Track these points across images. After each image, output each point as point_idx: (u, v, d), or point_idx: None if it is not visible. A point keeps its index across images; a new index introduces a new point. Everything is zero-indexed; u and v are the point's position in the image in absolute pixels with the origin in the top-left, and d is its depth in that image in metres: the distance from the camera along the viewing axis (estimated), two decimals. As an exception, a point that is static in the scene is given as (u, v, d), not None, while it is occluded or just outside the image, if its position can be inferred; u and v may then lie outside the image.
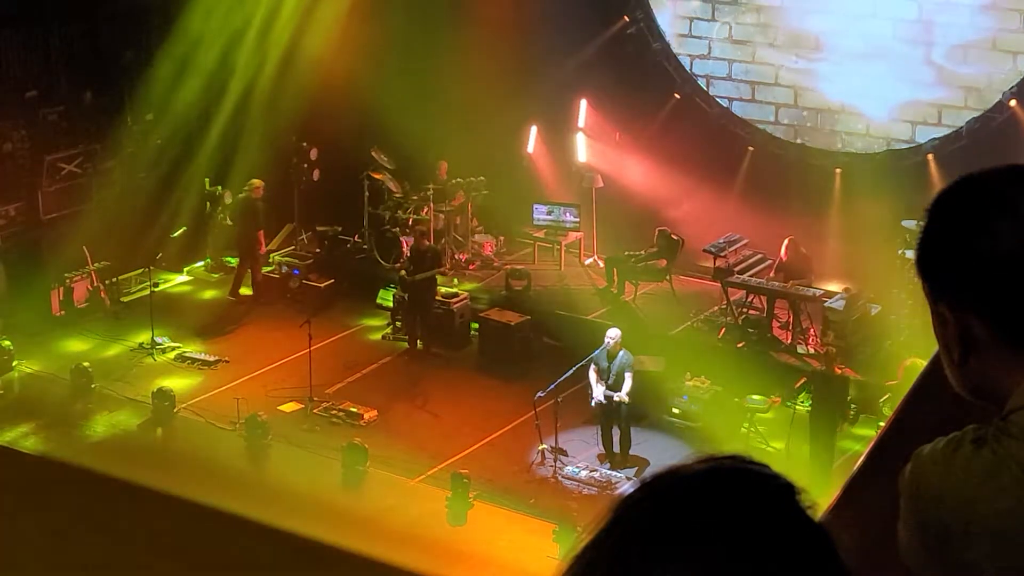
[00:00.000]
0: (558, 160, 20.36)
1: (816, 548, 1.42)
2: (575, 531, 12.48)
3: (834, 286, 17.46)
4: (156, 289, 18.53)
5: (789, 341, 16.99)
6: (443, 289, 18.25)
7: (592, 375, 14.88)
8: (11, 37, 18.00)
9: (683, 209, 18.96)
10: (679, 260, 18.66)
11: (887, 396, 15.03)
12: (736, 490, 1.42)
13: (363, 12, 19.66)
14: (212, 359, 17.26)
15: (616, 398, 14.71)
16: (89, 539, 13.14)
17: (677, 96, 19.48)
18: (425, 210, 19.42)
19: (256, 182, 19.09)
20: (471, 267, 19.79)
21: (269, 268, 19.71)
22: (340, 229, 20.05)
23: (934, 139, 18.06)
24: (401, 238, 19.21)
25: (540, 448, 14.90)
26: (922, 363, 2.26)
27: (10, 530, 13.06)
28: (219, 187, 20.07)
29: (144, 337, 17.68)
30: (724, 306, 17.61)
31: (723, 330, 17.36)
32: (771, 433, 15.24)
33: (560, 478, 14.67)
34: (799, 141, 19.04)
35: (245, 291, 19.33)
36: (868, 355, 15.88)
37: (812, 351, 16.58)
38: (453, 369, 17.34)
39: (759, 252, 18.23)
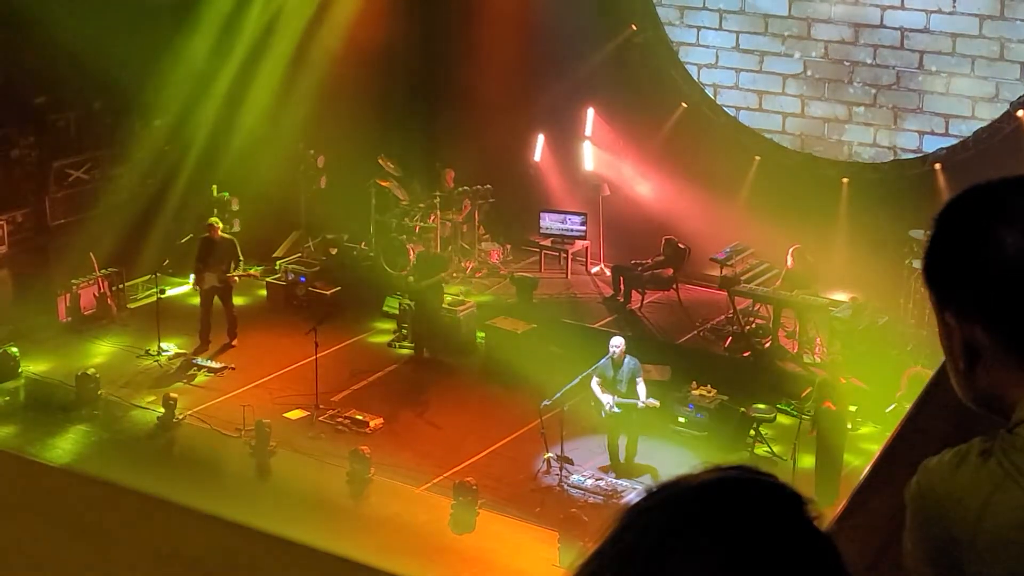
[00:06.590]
0: (565, 168, 20.36)
1: (822, 558, 1.42)
2: (580, 540, 12.46)
3: (841, 295, 17.45)
4: (163, 296, 18.51)
5: (795, 350, 16.97)
6: (449, 297, 18.25)
7: (595, 386, 14.81)
8: (20, 42, 18.02)
9: (690, 219, 18.95)
10: (685, 269, 18.65)
11: (893, 406, 15.00)
12: (743, 500, 1.42)
13: (370, 19, 19.69)
14: (218, 366, 17.26)
15: (642, 404, 14.56)
16: (93, 546, 13.14)
17: (684, 105, 19.46)
18: (432, 218, 19.42)
19: (212, 220, 18.20)
20: (477, 275, 19.79)
21: (275, 276, 19.72)
22: (347, 236, 20.05)
23: (941, 149, 18.03)
24: (408, 245, 19.21)
25: (546, 456, 14.87)
26: (926, 372, 2.26)
27: (13, 536, 13.05)
28: (226, 193, 20.10)
29: (150, 344, 17.69)
30: (730, 315, 17.60)
31: (729, 339, 17.35)
32: (777, 443, 15.22)
33: (566, 487, 14.64)
34: (806, 151, 19.01)
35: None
36: (874, 365, 15.84)
37: (818, 360, 16.55)
38: (459, 377, 17.33)
39: (765, 261, 18.23)
